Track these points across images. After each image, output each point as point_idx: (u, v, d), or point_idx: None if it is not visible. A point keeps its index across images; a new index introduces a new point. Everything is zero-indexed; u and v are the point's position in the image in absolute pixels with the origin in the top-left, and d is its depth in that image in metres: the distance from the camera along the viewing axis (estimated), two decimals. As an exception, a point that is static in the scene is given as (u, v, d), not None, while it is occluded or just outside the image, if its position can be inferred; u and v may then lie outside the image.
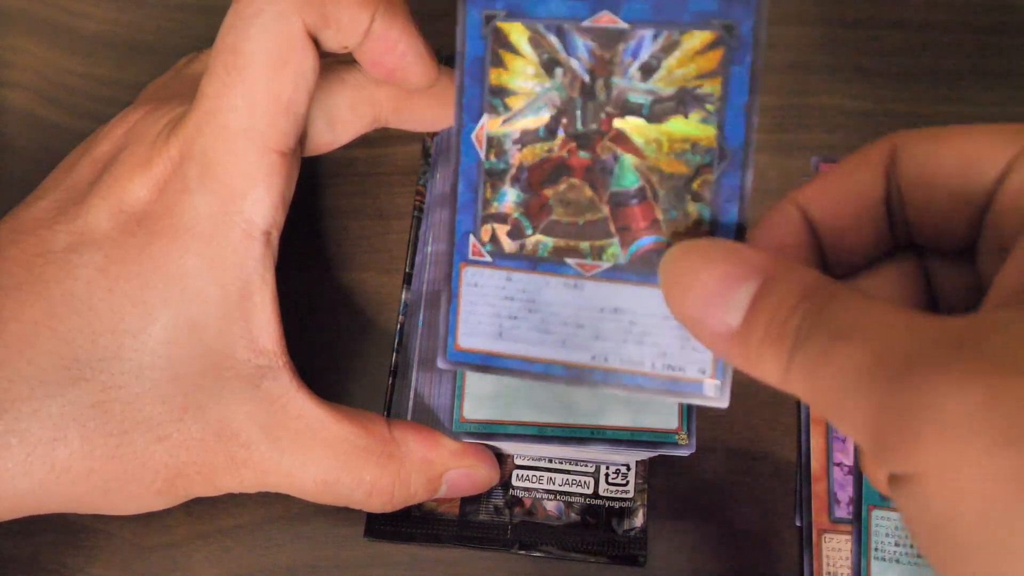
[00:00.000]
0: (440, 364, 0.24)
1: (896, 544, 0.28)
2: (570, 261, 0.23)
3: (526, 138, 0.23)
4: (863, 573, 0.28)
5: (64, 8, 0.38)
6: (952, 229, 0.20)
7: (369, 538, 0.30)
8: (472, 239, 0.24)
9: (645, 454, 0.29)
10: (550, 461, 0.30)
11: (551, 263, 0.23)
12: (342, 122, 0.29)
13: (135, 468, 0.25)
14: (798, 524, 0.30)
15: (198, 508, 0.30)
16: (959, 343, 0.15)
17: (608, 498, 0.30)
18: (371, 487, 0.27)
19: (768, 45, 0.36)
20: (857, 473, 0.29)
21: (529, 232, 0.24)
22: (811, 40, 0.36)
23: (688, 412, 0.28)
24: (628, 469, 0.30)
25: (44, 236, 0.26)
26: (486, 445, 0.29)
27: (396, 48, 0.26)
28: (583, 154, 0.23)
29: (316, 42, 0.25)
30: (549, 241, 0.23)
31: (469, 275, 0.24)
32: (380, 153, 0.35)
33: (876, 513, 0.29)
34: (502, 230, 0.24)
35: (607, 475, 0.30)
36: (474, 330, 0.24)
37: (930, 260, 0.22)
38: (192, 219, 0.25)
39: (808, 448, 0.30)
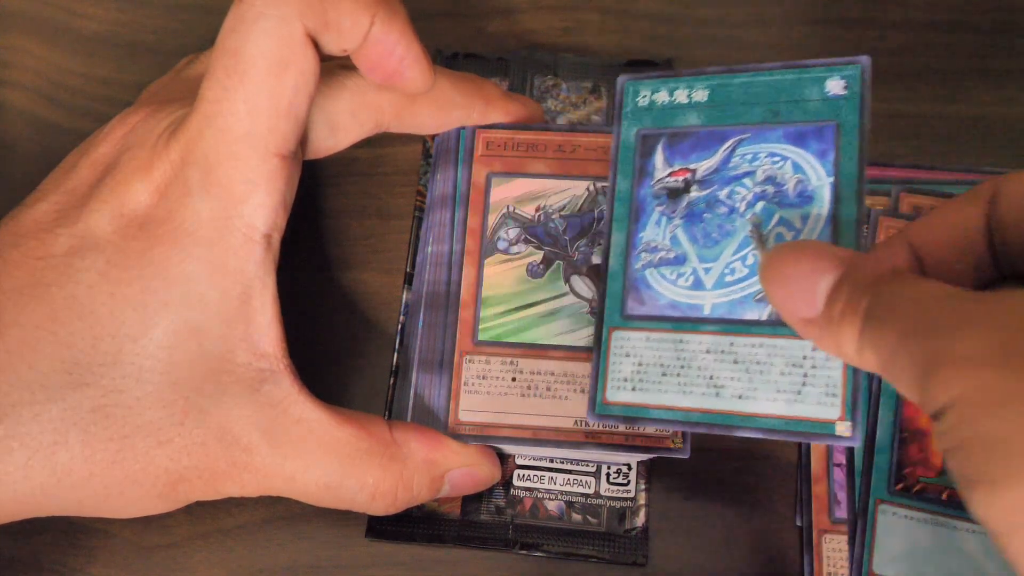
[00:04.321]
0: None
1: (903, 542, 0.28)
2: None
3: None
4: (864, 570, 0.28)
5: (64, 8, 0.38)
6: None
7: (370, 538, 0.30)
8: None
9: (645, 455, 0.29)
10: (551, 461, 0.30)
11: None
12: (343, 127, 0.29)
13: (136, 472, 0.25)
14: (798, 524, 0.30)
15: (199, 508, 0.30)
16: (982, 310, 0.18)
17: (610, 498, 0.30)
18: (374, 490, 0.27)
19: (769, 45, 0.36)
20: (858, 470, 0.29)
21: None
22: (811, 40, 0.36)
23: (854, 397, 0.24)
24: (629, 469, 0.30)
25: (45, 239, 0.26)
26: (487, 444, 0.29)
27: (394, 52, 0.26)
28: None
29: (316, 46, 0.25)
30: None
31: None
32: (381, 153, 0.35)
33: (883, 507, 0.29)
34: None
35: (608, 475, 0.30)
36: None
37: None
38: (193, 223, 0.25)
39: (808, 448, 0.30)
